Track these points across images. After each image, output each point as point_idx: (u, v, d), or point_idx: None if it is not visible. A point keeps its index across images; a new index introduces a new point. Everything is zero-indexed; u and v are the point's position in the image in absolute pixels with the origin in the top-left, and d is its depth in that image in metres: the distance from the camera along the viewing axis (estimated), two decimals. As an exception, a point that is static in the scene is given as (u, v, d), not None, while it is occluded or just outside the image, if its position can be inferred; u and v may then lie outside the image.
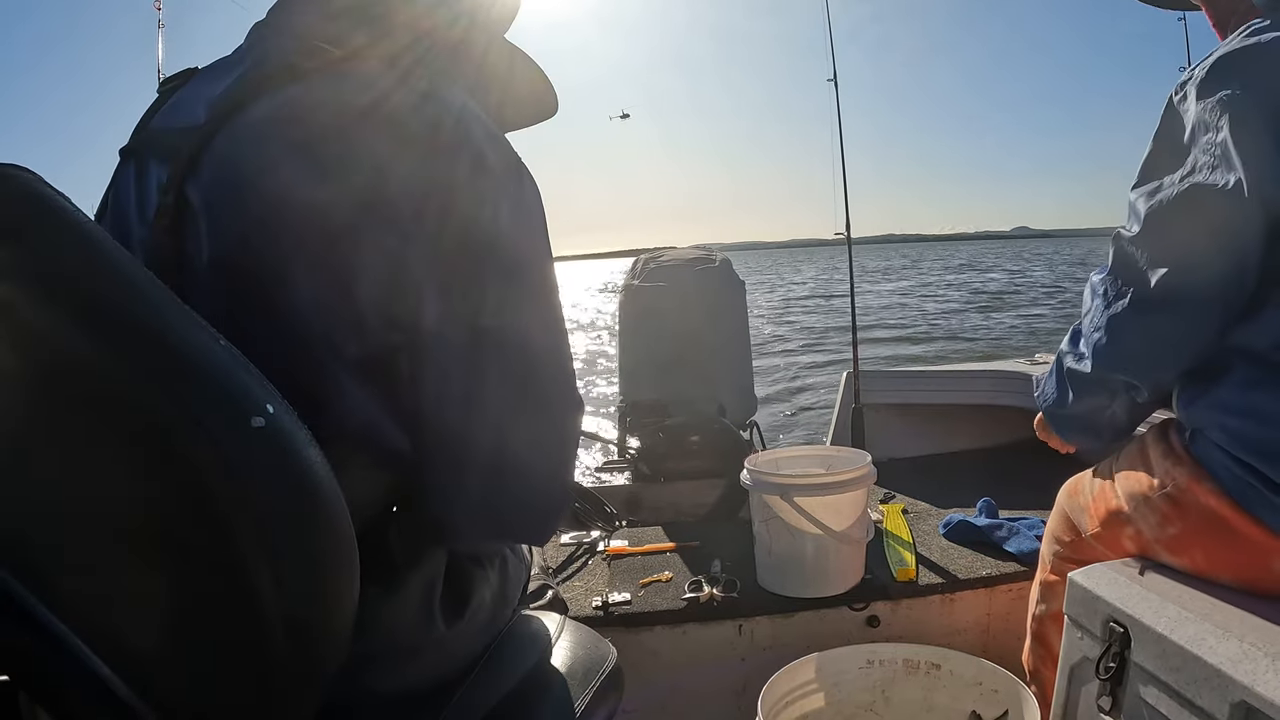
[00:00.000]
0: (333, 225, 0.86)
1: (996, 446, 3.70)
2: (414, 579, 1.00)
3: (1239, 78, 1.26)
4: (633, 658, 1.98)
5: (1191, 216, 1.29)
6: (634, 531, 2.62)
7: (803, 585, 2.07)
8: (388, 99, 0.92)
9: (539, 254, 1.00)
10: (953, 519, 2.42)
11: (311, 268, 0.87)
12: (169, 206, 0.91)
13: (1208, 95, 1.27)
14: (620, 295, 3.98)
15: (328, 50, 0.96)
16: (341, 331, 0.88)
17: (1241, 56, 1.27)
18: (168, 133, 0.99)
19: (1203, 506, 1.32)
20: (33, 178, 0.67)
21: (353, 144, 0.89)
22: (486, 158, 0.94)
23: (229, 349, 0.68)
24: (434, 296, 0.90)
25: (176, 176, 0.91)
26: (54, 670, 0.67)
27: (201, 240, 0.90)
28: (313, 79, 0.93)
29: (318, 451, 0.70)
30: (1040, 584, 1.74)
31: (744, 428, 3.91)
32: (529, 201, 1.00)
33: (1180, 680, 1.17)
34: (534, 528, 1.10)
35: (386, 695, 0.98)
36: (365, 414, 0.91)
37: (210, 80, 1.01)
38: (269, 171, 0.89)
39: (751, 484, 2.04)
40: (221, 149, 0.91)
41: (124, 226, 0.99)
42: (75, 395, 0.66)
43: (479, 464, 0.97)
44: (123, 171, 1.02)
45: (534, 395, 0.99)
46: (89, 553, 0.72)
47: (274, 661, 0.70)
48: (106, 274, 0.66)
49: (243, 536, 0.65)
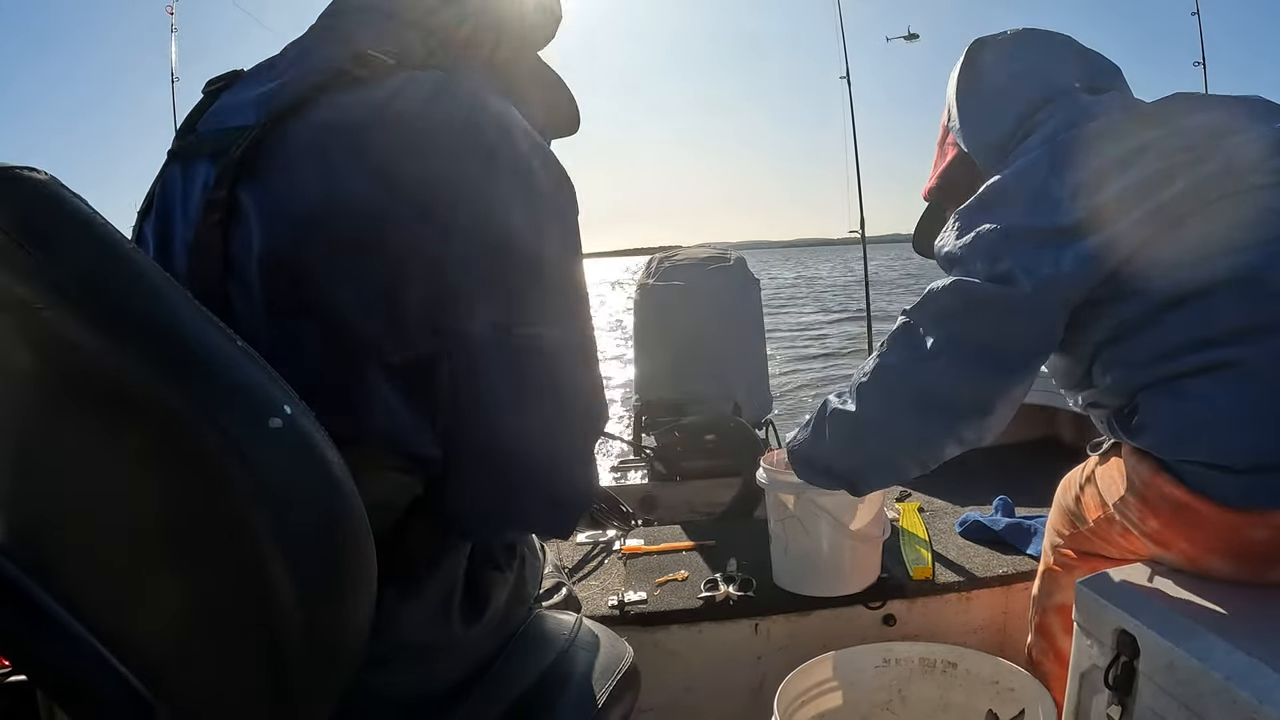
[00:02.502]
0: (382, 230, 0.88)
1: (1013, 444, 3.68)
2: (432, 581, 1.00)
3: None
4: (649, 657, 1.98)
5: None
6: (650, 530, 2.61)
7: (819, 584, 2.06)
8: (437, 108, 0.94)
9: (576, 265, 1.02)
10: (969, 517, 2.40)
11: (359, 270, 0.88)
12: (218, 205, 0.92)
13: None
14: (635, 294, 3.98)
15: (380, 59, 0.98)
16: (384, 335, 0.89)
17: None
18: (217, 134, 1.00)
19: (1167, 496, 1.37)
20: (50, 180, 0.67)
21: (403, 151, 0.90)
22: (534, 171, 0.97)
23: (246, 350, 0.69)
24: (478, 304, 0.92)
25: (227, 177, 0.93)
26: (71, 670, 0.67)
27: (252, 240, 0.91)
28: (366, 86, 0.95)
29: (336, 453, 0.70)
30: (1042, 574, 1.76)
31: (760, 426, 3.91)
32: (569, 213, 1.02)
33: (1188, 693, 1.17)
34: (558, 523, 1.12)
35: (401, 696, 0.99)
36: (399, 419, 0.92)
37: (258, 84, 1.03)
38: (322, 175, 0.90)
39: (767, 483, 2.03)
40: (275, 151, 0.93)
41: (168, 226, 1.00)
42: (93, 396, 0.67)
43: (508, 466, 0.99)
44: (169, 172, 1.03)
45: (567, 403, 1.02)
46: (106, 554, 0.72)
47: (290, 662, 0.70)
48: (125, 276, 0.67)
49: (260, 537, 0.66)
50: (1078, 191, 1.41)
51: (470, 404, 0.94)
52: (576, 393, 1.02)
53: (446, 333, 0.91)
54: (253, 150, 0.93)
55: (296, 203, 0.90)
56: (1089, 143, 1.45)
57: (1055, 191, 1.42)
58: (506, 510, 1.03)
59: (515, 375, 0.95)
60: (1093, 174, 1.41)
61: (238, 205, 0.92)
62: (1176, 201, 1.37)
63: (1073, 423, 3.53)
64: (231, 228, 0.92)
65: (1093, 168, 1.42)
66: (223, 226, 0.92)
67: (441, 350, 0.92)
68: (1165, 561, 1.46)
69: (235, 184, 0.92)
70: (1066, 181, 1.42)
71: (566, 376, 1.01)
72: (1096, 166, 1.42)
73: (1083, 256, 1.38)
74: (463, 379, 0.93)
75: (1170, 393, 1.36)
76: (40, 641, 0.67)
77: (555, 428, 1.01)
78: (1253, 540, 1.31)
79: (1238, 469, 1.28)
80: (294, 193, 0.91)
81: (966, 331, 1.47)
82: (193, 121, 1.06)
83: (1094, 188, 1.40)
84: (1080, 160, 1.43)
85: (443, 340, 0.91)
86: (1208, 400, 1.31)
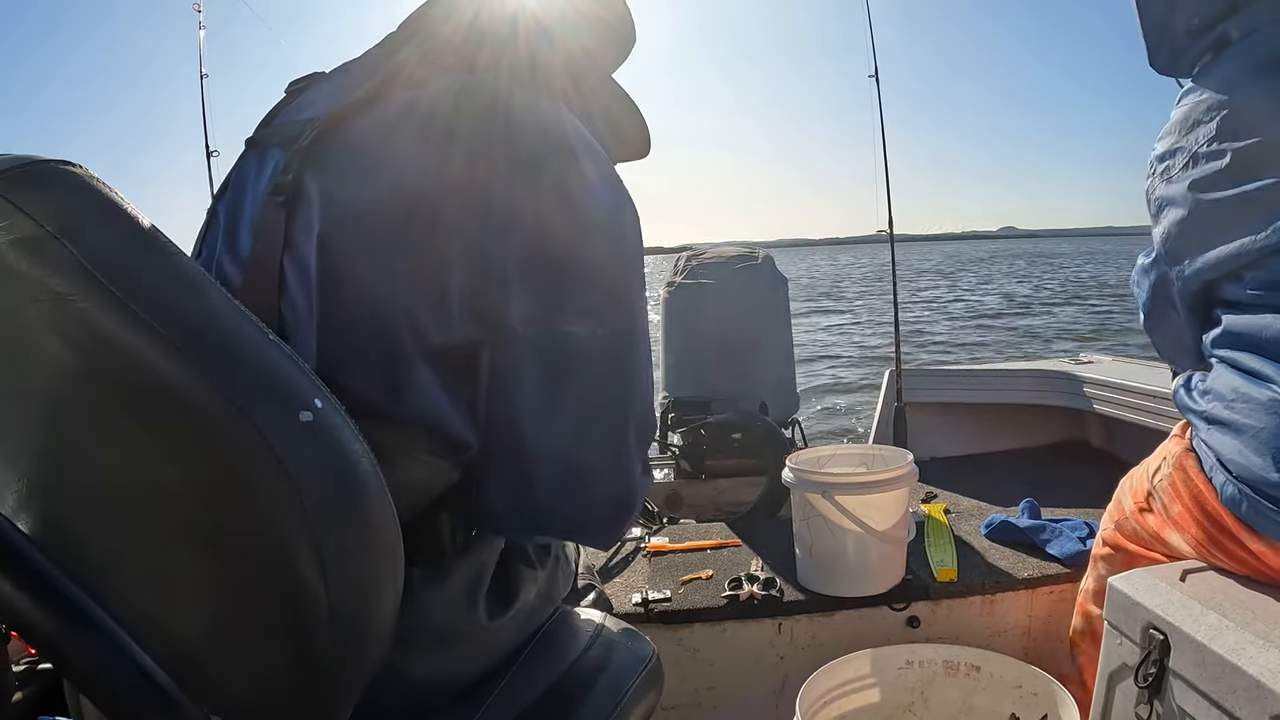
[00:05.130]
0: (435, 219, 0.92)
1: (1040, 446, 3.67)
2: (461, 566, 1.02)
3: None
4: (672, 655, 1.98)
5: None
6: (675, 528, 2.62)
7: (843, 584, 2.06)
8: (494, 108, 0.99)
9: (630, 267, 1.04)
10: (995, 519, 2.39)
11: (409, 254, 0.91)
12: (284, 188, 0.97)
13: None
14: (663, 292, 3.98)
15: (444, 62, 1.05)
16: (427, 319, 0.92)
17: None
18: (291, 124, 1.07)
19: (1192, 484, 1.40)
20: (86, 174, 0.68)
21: (459, 144, 0.95)
22: (586, 171, 1.00)
23: (279, 344, 0.70)
24: (521, 295, 0.94)
25: (295, 163, 0.98)
26: (98, 660, 0.68)
27: (312, 222, 0.95)
28: (429, 85, 1.00)
29: (364, 445, 0.71)
30: (1093, 556, 1.78)
31: (786, 425, 3.90)
32: (624, 215, 1.05)
33: (1219, 690, 1.16)
34: (601, 532, 1.14)
35: (421, 680, 1.00)
36: (437, 404, 0.94)
37: (332, 83, 1.11)
38: (381, 165, 0.95)
39: (793, 482, 2.04)
40: (340, 142, 0.98)
41: (238, 207, 1.06)
42: (125, 389, 0.68)
43: (549, 468, 1.00)
44: (245, 159, 1.10)
45: (612, 406, 1.03)
46: (135, 544, 0.73)
47: (318, 652, 0.71)
48: (158, 269, 0.68)
49: (289, 530, 0.67)
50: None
51: (507, 398, 0.96)
52: (618, 395, 1.04)
53: (487, 321, 0.94)
54: (320, 140, 0.99)
55: (356, 190, 0.95)
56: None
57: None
58: (535, 512, 1.04)
59: (551, 372, 0.97)
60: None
61: (302, 189, 0.97)
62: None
63: (1101, 426, 3.51)
64: (294, 209, 0.97)
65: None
66: (286, 208, 0.97)
67: (482, 339, 0.94)
68: (1177, 552, 1.48)
69: (302, 170, 0.98)
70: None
71: (607, 378, 1.02)
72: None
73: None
74: (500, 371, 0.96)
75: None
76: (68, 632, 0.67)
77: (592, 430, 1.02)
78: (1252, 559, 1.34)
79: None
80: (355, 181, 0.95)
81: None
82: (272, 116, 1.13)
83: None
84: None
85: (484, 328, 0.94)
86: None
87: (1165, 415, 2.76)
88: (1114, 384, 3.13)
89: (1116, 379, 3.13)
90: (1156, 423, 2.81)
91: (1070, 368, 3.52)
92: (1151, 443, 1.69)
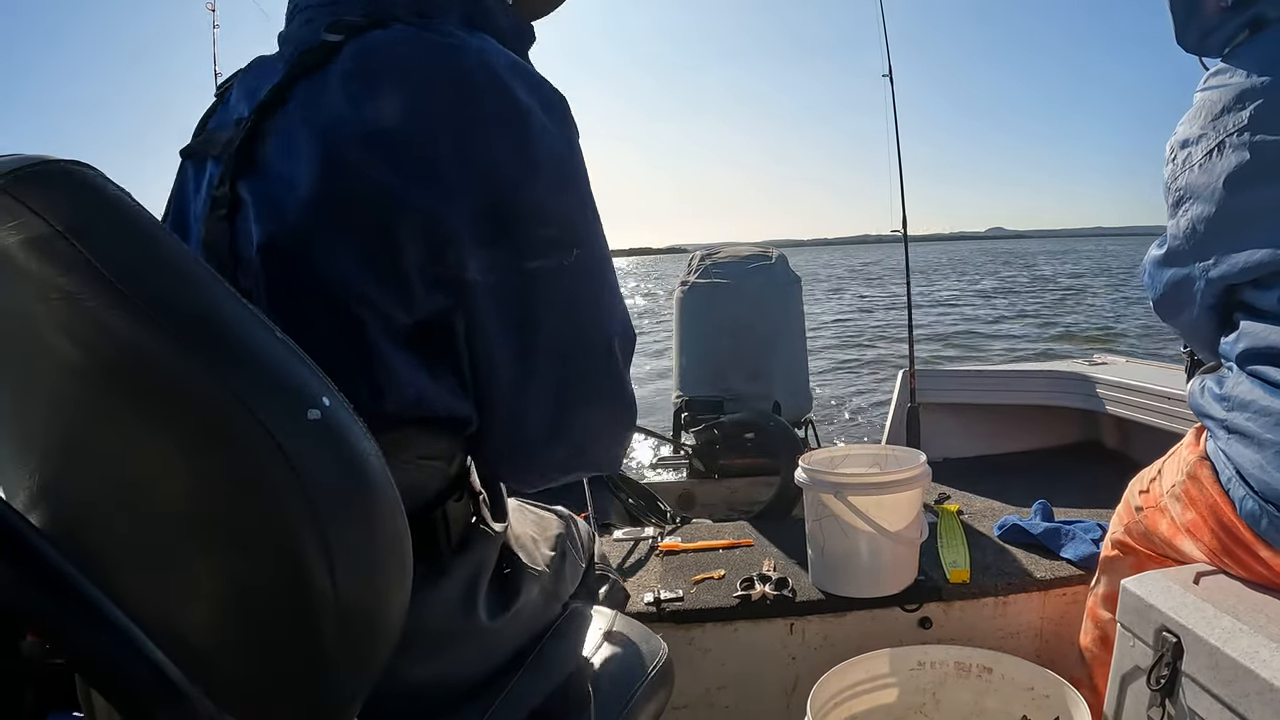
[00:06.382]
0: (373, 193, 0.89)
1: (1053, 448, 3.66)
2: (459, 566, 1.01)
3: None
4: (684, 654, 1.98)
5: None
6: (687, 528, 2.62)
7: (855, 585, 2.06)
8: (410, 57, 0.94)
9: (571, 188, 1.01)
10: (1008, 521, 2.38)
11: (352, 237, 0.90)
12: (222, 201, 0.95)
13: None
14: (677, 291, 3.99)
15: (353, 21, 0.98)
16: (389, 301, 0.90)
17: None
18: (219, 131, 1.03)
19: (1207, 493, 1.38)
20: (96, 173, 0.68)
21: (380, 107, 0.91)
22: (519, 101, 0.95)
23: (286, 342, 0.70)
24: (476, 248, 0.92)
25: (227, 173, 0.95)
26: (108, 656, 0.68)
27: (251, 229, 0.93)
28: (338, 54, 0.96)
29: (373, 443, 0.71)
30: (1101, 559, 1.78)
31: (799, 425, 3.90)
32: (562, 133, 1.00)
33: (1232, 694, 1.16)
34: (603, 454, 1.14)
35: (421, 682, 0.99)
36: (423, 389, 0.94)
37: (251, 77, 1.06)
38: (307, 154, 0.92)
39: (806, 482, 2.03)
40: (264, 140, 0.95)
41: (184, 224, 1.04)
42: (134, 387, 0.68)
43: (542, 401, 1.00)
44: (183, 172, 1.07)
45: (593, 325, 1.03)
46: (145, 542, 0.73)
47: (326, 651, 0.71)
48: (167, 267, 0.68)
49: (297, 528, 0.67)
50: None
51: (488, 348, 0.96)
52: (597, 315, 1.03)
53: (449, 283, 0.92)
54: (245, 144, 0.96)
55: (287, 186, 0.92)
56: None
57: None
58: (534, 447, 1.04)
59: (525, 310, 0.96)
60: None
61: (240, 199, 0.95)
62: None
63: (1115, 427, 3.50)
64: (237, 221, 0.95)
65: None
66: (229, 221, 0.95)
67: (451, 304, 0.93)
68: (1188, 556, 1.47)
69: (236, 178, 0.95)
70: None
71: (584, 301, 1.01)
72: None
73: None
74: (475, 326, 0.95)
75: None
76: (79, 628, 0.67)
77: (578, 353, 1.02)
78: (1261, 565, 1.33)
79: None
80: (283, 177, 0.93)
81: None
82: (205, 122, 1.10)
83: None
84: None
85: (449, 292, 0.92)
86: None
87: (1179, 417, 2.75)
88: (1128, 385, 3.12)
89: (1130, 380, 3.13)
90: (1170, 424, 2.80)
91: (1084, 369, 3.52)
92: (1165, 444, 1.69)
